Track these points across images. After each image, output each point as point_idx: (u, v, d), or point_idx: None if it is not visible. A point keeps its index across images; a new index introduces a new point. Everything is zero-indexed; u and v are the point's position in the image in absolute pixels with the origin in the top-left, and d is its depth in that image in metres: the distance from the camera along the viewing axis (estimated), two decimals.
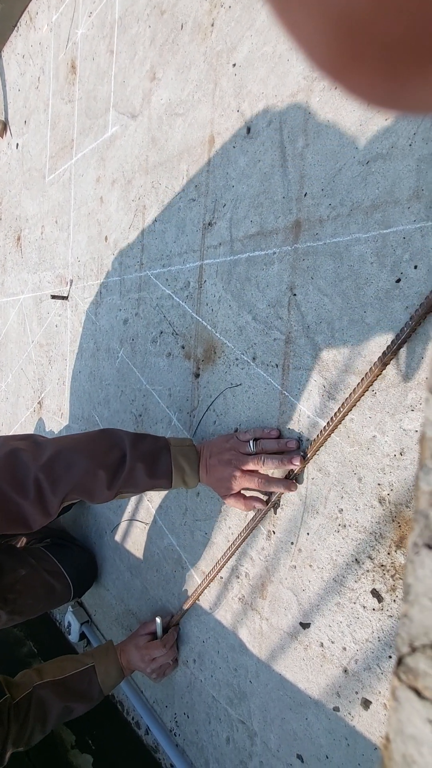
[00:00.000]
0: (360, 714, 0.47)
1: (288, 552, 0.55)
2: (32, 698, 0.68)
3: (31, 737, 0.67)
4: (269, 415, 0.58)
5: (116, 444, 0.58)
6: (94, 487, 0.55)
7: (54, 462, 0.54)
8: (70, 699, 0.70)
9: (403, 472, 0.44)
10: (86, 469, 0.55)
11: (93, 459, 0.55)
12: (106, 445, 0.58)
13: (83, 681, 0.72)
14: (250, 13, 0.59)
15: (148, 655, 0.72)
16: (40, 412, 1.23)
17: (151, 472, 0.57)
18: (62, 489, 0.54)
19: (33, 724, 0.67)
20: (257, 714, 0.60)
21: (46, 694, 0.69)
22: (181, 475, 0.58)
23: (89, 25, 0.97)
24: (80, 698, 0.71)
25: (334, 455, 0.50)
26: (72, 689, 0.71)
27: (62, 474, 0.54)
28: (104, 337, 0.93)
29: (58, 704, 0.69)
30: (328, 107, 0.50)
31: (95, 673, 0.73)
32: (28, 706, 0.67)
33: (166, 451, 0.59)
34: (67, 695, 0.70)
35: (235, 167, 0.62)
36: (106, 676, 0.73)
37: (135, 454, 0.57)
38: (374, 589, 0.46)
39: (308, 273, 0.53)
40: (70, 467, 0.54)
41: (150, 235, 0.80)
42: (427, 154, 0.41)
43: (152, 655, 0.72)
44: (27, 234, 1.32)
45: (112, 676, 0.74)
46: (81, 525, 1.06)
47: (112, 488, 0.56)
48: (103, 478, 0.55)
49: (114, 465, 0.56)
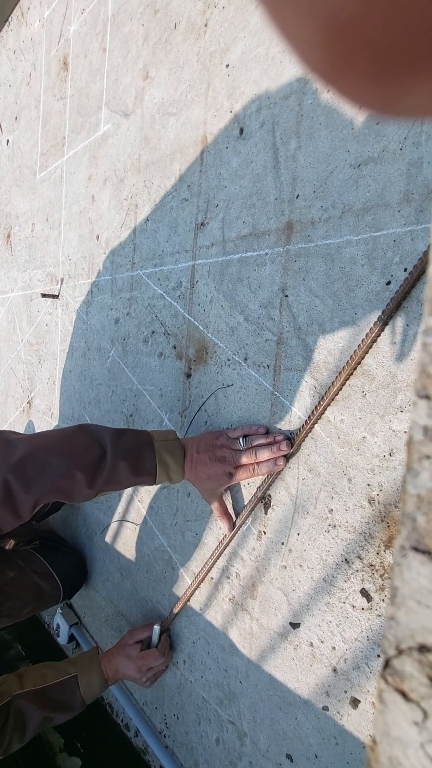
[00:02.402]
0: (349, 713, 0.48)
1: (278, 552, 0.56)
2: (11, 708, 0.66)
3: (8, 747, 0.65)
4: (260, 416, 0.58)
5: (95, 441, 0.55)
6: (72, 489, 0.53)
7: (26, 463, 0.51)
8: (50, 709, 0.68)
9: (393, 473, 0.44)
10: (62, 471, 0.52)
11: (69, 459, 0.52)
12: (84, 444, 0.55)
13: (65, 691, 0.70)
14: (243, 14, 0.59)
15: (145, 665, 0.71)
16: (30, 412, 1.22)
17: (135, 470, 0.55)
18: (35, 491, 0.51)
19: (11, 734, 0.65)
20: (247, 714, 0.60)
21: (25, 705, 0.66)
22: (166, 471, 0.57)
23: (82, 22, 0.96)
24: (60, 708, 0.69)
25: (325, 456, 0.50)
26: (52, 699, 0.69)
27: (35, 476, 0.51)
28: (95, 336, 0.92)
29: (37, 715, 0.67)
30: (321, 110, 0.50)
31: (77, 683, 0.70)
32: (6, 716, 0.65)
33: (150, 447, 0.57)
34: (47, 705, 0.68)
35: (227, 168, 0.62)
36: (88, 687, 0.71)
37: (116, 452, 0.55)
38: (363, 589, 0.46)
39: (300, 274, 0.53)
40: (43, 469, 0.51)
41: (142, 234, 0.79)
42: (418, 158, 0.42)
43: (149, 665, 0.71)
44: (17, 231, 1.30)
45: (95, 686, 0.71)
46: (70, 526, 1.05)
47: (92, 487, 0.54)
48: (81, 479, 0.52)
49: (93, 464, 0.54)
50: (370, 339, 0.45)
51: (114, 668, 0.73)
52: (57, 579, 0.89)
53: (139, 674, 0.71)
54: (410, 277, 0.41)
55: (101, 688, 0.72)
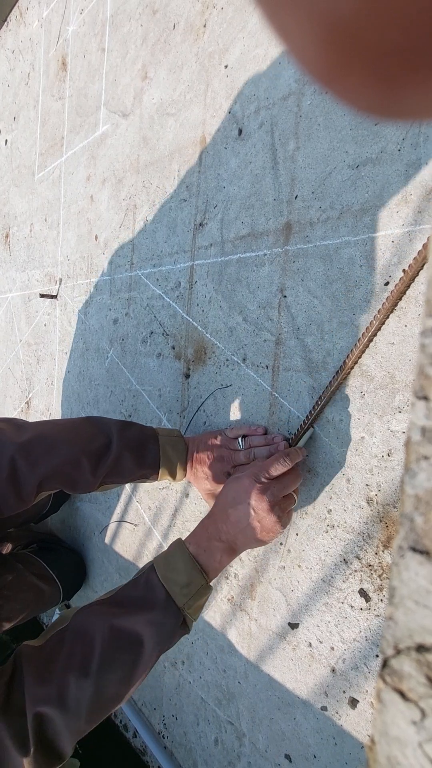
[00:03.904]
0: (347, 713, 0.48)
1: (277, 552, 0.56)
2: (66, 630, 0.45)
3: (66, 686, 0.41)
4: (259, 416, 0.58)
5: (102, 431, 0.56)
6: (77, 475, 0.53)
7: (33, 443, 0.52)
8: (119, 614, 0.44)
9: (391, 473, 0.44)
10: (68, 456, 0.52)
11: (76, 445, 0.53)
12: (91, 432, 0.55)
13: (137, 586, 0.47)
14: (242, 15, 0.59)
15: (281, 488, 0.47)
16: (28, 412, 1.22)
17: (139, 461, 0.55)
18: (40, 472, 0.51)
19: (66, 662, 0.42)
20: (246, 715, 0.60)
21: (81, 619, 0.45)
22: (169, 466, 0.57)
23: (80, 22, 0.96)
24: (134, 609, 0.45)
25: (323, 456, 0.50)
26: (124, 598, 0.46)
27: (41, 456, 0.51)
28: (94, 336, 0.92)
29: (101, 626, 0.43)
30: (319, 111, 0.50)
31: (154, 570, 0.47)
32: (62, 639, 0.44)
33: (155, 441, 0.57)
34: (112, 611, 0.45)
35: (226, 168, 0.62)
36: (167, 570, 0.46)
37: (122, 442, 0.55)
38: (362, 589, 0.46)
39: (298, 275, 0.53)
40: (50, 451, 0.52)
41: (141, 234, 0.79)
42: (416, 159, 0.42)
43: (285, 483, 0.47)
44: (15, 232, 1.30)
45: (178, 568, 0.46)
46: (69, 527, 1.05)
47: (96, 475, 0.53)
48: (86, 465, 0.53)
49: (98, 452, 0.54)
50: (367, 339, 0.45)
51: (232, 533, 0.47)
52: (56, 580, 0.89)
53: (271, 499, 0.45)
54: (405, 277, 0.42)
55: (187, 565, 0.46)
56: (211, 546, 0.47)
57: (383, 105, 0.11)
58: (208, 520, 0.49)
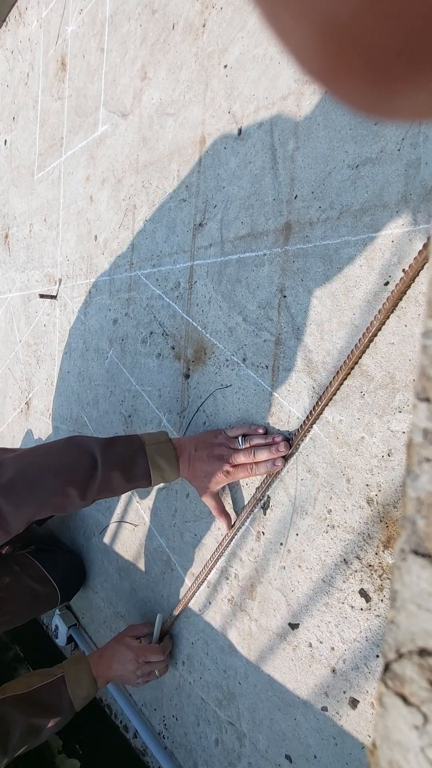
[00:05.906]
0: (348, 713, 0.48)
1: (277, 553, 0.56)
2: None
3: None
4: (259, 417, 0.58)
5: (85, 453, 0.55)
6: (66, 503, 0.53)
7: (15, 483, 0.51)
8: (36, 714, 0.63)
9: (391, 473, 0.44)
10: (53, 489, 0.52)
11: (61, 476, 0.53)
12: (74, 458, 0.55)
13: (50, 693, 0.65)
14: (241, 14, 0.59)
15: (143, 657, 0.68)
16: (28, 413, 1.22)
17: (128, 476, 0.56)
18: (26, 512, 0.51)
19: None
20: (246, 715, 0.60)
21: (6, 710, 0.61)
22: (160, 474, 0.57)
23: (80, 22, 0.96)
24: (47, 712, 0.64)
25: (323, 456, 0.50)
26: (37, 702, 0.64)
27: (25, 497, 0.51)
28: (93, 337, 0.92)
29: (21, 720, 0.61)
30: (319, 110, 0.50)
31: (64, 683, 0.66)
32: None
33: (142, 453, 0.57)
34: (31, 710, 0.63)
35: (226, 168, 0.62)
36: (76, 686, 0.67)
37: (108, 463, 0.55)
38: (362, 589, 0.46)
39: (298, 275, 0.53)
40: (33, 488, 0.52)
41: (140, 234, 0.79)
42: (415, 159, 0.42)
43: (148, 658, 0.68)
44: (15, 232, 1.30)
45: (83, 685, 0.67)
46: (69, 527, 1.05)
47: (85, 499, 0.54)
48: (74, 493, 0.53)
49: (85, 478, 0.54)
50: (367, 339, 0.45)
51: (106, 664, 0.69)
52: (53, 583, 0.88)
53: (135, 666, 0.67)
54: (405, 277, 0.41)
55: (90, 688, 0.69)
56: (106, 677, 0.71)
57: (382, 105, 0.11)
58: (100, 658, 0.72)
